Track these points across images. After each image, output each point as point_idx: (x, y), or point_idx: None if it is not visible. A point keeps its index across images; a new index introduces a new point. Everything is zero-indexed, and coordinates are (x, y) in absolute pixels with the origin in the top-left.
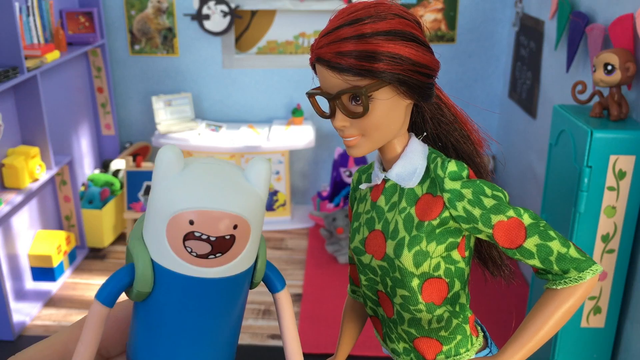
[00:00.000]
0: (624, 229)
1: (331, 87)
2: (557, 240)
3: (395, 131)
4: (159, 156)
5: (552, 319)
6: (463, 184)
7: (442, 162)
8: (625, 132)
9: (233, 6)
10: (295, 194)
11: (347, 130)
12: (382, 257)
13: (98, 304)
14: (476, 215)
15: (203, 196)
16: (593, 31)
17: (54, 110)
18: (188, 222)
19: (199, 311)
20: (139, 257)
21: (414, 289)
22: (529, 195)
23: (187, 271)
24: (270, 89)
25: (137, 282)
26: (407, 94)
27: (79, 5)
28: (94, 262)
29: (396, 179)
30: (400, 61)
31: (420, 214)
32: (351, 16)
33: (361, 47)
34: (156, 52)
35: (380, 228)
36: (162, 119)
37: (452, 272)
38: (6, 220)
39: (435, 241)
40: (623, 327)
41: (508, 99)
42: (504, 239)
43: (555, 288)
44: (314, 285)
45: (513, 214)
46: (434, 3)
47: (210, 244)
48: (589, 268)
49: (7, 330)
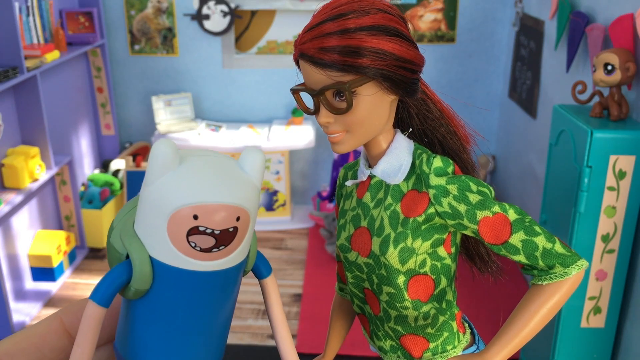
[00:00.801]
0: (624, 229)
1: (315, 83)
2: (543, 235)
3: (379, 127)
4: (153, 151)
5: (538, 314)
6: (448, 179)
7: (428, 157)
8: (625, 132)
9: (233, 6)
10: (295, 194)
11: (331, 127)
12: (368, 255)
13: (93, 304)
14: (461, 211)
15: (205, 190)
16: (593, 31)
17: (53, 110)
18: (192, 217)
19: (196, 304)
20: (137, 255)
21: (400, 286)
22: (529, 195)
23: (188, 265)
24: (270, 89)
25: (135, 280)
26: (391, 89)
27: (79, 5)
28: (94, 262)
29: (381, 176)
30: (384, 56)
31: (406, 210)
32: (334, 11)
33: (344, 43)
34: (156, 52)
35: (366, 225)
36: (162, 119)
37: (439, 269)
38: (6, 220)
39: (421, 238)
40: (623, 327)
41: (508, 99)
42: (490, 235)
43: (540, 284)
44: (314, 285)
45: (498, 209)
46: (434, 3)
47: (215, 237)
48: (574, 263)
49: (7, 330)
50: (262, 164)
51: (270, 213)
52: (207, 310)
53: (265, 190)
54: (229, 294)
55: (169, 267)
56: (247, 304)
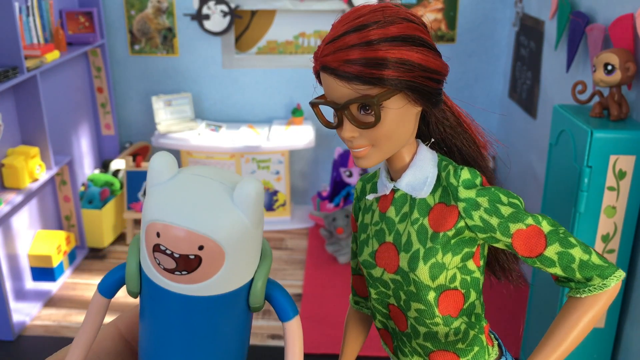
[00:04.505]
0: (624, 229)
1: (338, 97)
2: (579, 247)
3: (405, 140)
4: (150, 163)
5: (577, 327)
6: (478, 192)
7: (455, 170)
8: (625, 132)
9: (233, 6)
10: (295, 194)
11: (355, 141)
12: (395, 271)
13: (97, 293)
14: (494, 225)
15: (171, 210)
16: (593, 31)
17: (53, 110)
18: (156, 234)
19: (179, 326)
20: (129, 258)
21: (430, 302)
22: (529, 195)
23: (160, 282)
24: (270, 89)
25: (126, 280)
26: (418, 101)
27: (79, 5)
28: (94, 262)
29: (407, 189)
30: (411, 67)
31: (434, 224)
32: (357, 22)
33: (369, 55)
34: (156, 52)
35: (392, 240)
36: (162, 119)
37: (468, 283)
38: (6, 220)
39: (451, 252)
40: (623, 327)
41: (508, 99)
42: (524, 248)
43: (579, 296)
44: (314, 285)
45: (532, 221)
46: (434, 3)
47: (175, 260)
48: (612, 275)
49: (7, 330)
50: (255, 198)
51: (270, 213)
52: (190, 334)
53: (266, 190)
54: (215, 325)
55: (148, 277)
56: None
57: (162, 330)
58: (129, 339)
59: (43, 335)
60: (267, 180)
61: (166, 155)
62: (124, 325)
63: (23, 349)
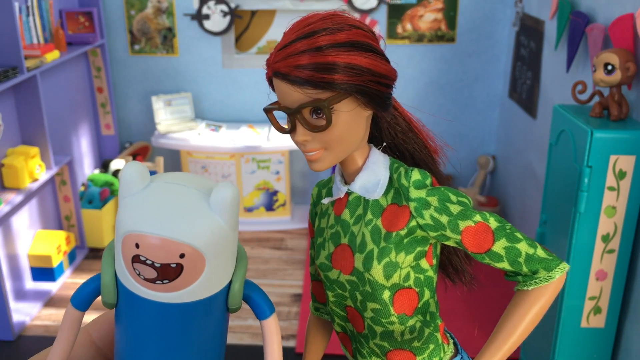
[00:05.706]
0: (624, 229)
1: (291, 102)
2: (524, 241)
3: (357, 143)
4: (121, 173)
5: (526, 319)
6: (428, 192)
7: (406, 171)
8: (625, 132)
9: (233, 6)
10: (295, 194)
11: (308, 145)
12: (351, 272)
13: (70, 307)
14: (444, 222)
15: (149, 220)
16: (593, 31)
17: (53, 110)
18: (134, 245)
19: (159, 333)
20: (104, 269)
21: (385, 301)
22: (529, 195)
23: (138, 291)
24: (270, 89)
25: (101, 291)
26: (368, 104)
27: (79, 5)
28: (94, 262)
29: (360, 192)
30: (360, 72)
31: (387, 224)
32: (306, 29)
33: (319, 60)
34: (156, 52)
35: (347, 242)
36: (162, 118)
37: (422, 281)
38: (6, 220)
39: (404, 251)
40: (623, 327)
41: (508, 99)
42: (473, 244)
43: (526, 289)
44: None
45: (480, 218)
46: (434, 3)
47: (156, 270)
48: (557, 267)
49: (7, 330)
50: (231, 202)
51: (270, 213)
52: (168, 341)
53: (266, 190)
54: (195, 329)
55: (125, 288)
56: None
57: (140, 338)
58: (100, 345)
59: (43, 335)
60: (267, 180)
61: (137, 165)
62: (96, 331)
63: (23, 349)
